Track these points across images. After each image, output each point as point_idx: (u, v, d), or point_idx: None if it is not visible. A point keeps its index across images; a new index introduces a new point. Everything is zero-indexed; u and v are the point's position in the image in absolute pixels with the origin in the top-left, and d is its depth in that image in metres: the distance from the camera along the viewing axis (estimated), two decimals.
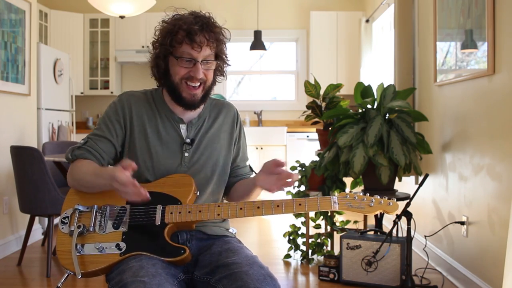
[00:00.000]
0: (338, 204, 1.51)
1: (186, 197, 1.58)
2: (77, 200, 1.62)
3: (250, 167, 1.91)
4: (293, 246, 3.73)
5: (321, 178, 3.61)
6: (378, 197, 1.52)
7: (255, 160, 5.96)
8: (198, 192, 1.64)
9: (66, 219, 1.58)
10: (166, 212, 1.55)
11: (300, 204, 1.52)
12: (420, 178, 3.58)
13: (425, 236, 3.45)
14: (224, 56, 1.67)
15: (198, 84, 1.61)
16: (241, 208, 1.54)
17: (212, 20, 1.61)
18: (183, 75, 1.60)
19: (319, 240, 3.65)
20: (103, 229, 1.55)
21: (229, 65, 1.73)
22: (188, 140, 1.67)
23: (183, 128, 1.69)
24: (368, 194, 1.52)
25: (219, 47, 1.63)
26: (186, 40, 1.56)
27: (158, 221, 1.55)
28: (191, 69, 1.59)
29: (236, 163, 1.81)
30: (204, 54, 1.59)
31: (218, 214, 1.55)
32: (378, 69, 5.71)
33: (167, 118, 1.68)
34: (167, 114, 1.68)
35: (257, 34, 6.22)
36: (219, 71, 1.70)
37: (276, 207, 1.52)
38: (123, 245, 1.52)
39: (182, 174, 1.63)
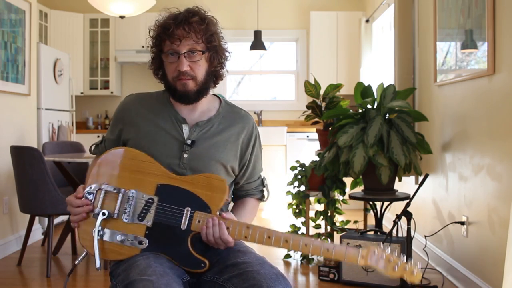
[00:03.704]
0: (365, 259, 1.43)
1: (217, 205, 1.53)
2: (104, 176, 1.58)
3: (262, 181, 1.83)
4: None
5: (321, 178, 3.61)
6: (405, 261, 1.43)
7: None
8: (229, 200, 1.62)
9: (91, 195, 1.55)
10: (194, 219, 1.50)
11: (328, 250, 1.45)
12: (420, 178, 3.58)
13: (425, 236, 3.45)
14: (216, 46, 1.61)
15: (188, 78, 1.58)
16: (269, 237, 1.48)
17: (196, 11, 1.58)
18: (172, 74, 1.59)
19: None
20: (128, 218, 1.51)
21: (228, 53, 1.67)
22: (188, 141, 1.62)
23: (185, 128, 1.64)
24: (396, 255, 1.42)
25: (205, 36, 1.58)
26: (165, 37, 1.57)
27: (184, 226, 1.50)
28: (177, 62, 1.57)
29: (246, 177, 1.76)
30: (186, 45, 1.56)
31: (246, 237, 1.49)
32: (378, 69, 5.71)
33: (170, 118, 1.65)
34: (171, 114, 1.66)
35: (257, 34, 6.21)
36: (217, 61, 1.64)
37: (304, 246, 1.46)
38: (145, 241, 1.49)
39: (218, 176, 1.57)
